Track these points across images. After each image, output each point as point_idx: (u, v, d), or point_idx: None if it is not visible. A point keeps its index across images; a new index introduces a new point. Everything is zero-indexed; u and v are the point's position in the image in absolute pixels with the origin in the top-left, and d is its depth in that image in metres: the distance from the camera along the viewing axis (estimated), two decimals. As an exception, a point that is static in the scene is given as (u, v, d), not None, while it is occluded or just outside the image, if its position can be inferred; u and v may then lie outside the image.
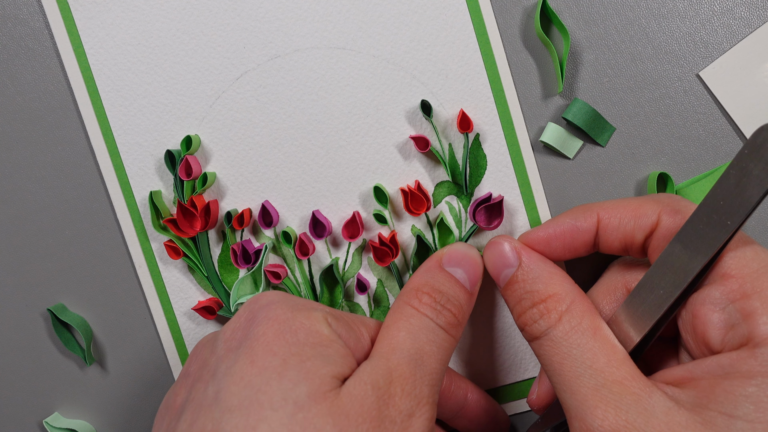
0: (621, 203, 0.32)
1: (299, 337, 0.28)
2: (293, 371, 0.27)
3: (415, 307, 0.31)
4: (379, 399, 0.27)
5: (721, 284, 0.27)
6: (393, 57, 0.38)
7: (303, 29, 0.38)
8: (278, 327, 0.28)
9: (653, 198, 0.32)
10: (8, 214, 0.39)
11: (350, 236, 0.38)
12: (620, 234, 0.32)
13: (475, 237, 0.38)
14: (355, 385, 0.27)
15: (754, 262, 0.27)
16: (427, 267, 0.34)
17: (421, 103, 0.37)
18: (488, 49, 0.38)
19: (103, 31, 0.38)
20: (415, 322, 0.31)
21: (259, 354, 0.27)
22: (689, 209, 0.30)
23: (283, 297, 0.30)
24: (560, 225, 0.33)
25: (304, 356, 0.27)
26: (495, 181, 0.38)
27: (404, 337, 0.30)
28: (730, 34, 0.38)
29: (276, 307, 0.29)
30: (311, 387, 0.26)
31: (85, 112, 0.38)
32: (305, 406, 0.26)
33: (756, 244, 0.28)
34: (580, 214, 0.33)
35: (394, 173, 0.38)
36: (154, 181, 0.39)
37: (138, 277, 0.39)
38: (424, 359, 0.29)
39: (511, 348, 0.39)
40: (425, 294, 0.32)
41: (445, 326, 0.31)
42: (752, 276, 0.27)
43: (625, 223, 0.31)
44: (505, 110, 0.38)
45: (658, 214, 0.31)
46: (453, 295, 0.32)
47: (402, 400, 0.28)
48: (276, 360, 0.27)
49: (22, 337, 0.40)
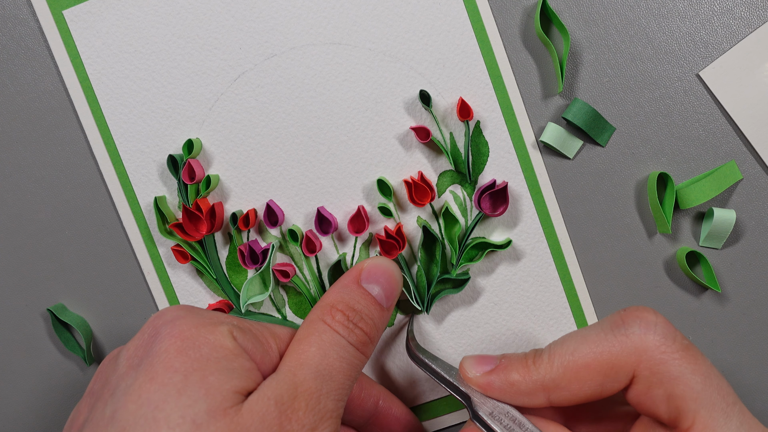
0: (584, 371, 0.30)
1: (202, 352, 0.28)
2: (193, 388, 0.26)
3: (327, 323, 0.31)
4: (281, 414, 0.27)
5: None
6: (389, 49, 0.38)
7: (298, 27, 0.38)
8: (181, 343, 0.28)
9: (618, 351, 0.29)
10: (8, 214, 0.39)
11: (356, 231, 0.38)
12: (585, 396, 0.30)
13: (481, 224, 0.39)
14: (257, 401, 0.27)
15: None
16: (344, 283, 0.34)
17: (420, 94, 0.37)
18: (484, 36, 0.38)
19: (99, 40, 0.38)
20: (326, 338, 0.30)
21: (160, 371, 0.27)
22: (666, 361, 0.29)
23: (187, 312, 0.30)
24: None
25: (206, 371, 0.27)
26: (498, 167, 0.38)
27: (314, 352, 0.30)
28: (730, 34, 0.38)
29: (180, 322, 0.29)
30: (211, 403, 0.26)
31: (85, 121, 0.38)
32: (203, 424, 0.26)
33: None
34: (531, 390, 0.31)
35: (397, 165, 0.38)
36: (158, 186, 0.39)
37: (144, 276, 0.39)
38: (332, 374, 0.29)
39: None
40: (339, 311, 0.32)
41: (356, 344, 0.31)
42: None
43: (592, 388, 0.30)
44: (504, 96, 0.38)
45: (631, 377, 0.29)
46: (367, 313, 0.32)
47: (306, 414, 0.28)
48: (177, 376, 0.27)
49: (22, 337, 0.40)
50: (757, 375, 0.39)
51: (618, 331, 0.29)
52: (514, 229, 0.39)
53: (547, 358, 0.30)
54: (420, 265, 0.38)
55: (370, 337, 0.32)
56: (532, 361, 0.31)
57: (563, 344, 0.30)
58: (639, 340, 0.29)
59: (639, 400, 0.29)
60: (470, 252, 0.38)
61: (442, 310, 0.39)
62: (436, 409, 0.40)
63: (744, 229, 0.39)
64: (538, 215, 0.39)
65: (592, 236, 0.39)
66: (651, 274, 0.39)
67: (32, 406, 0.41)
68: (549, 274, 0.39)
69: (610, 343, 0.29)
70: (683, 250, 0.38)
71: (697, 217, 0.39)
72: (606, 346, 0.29)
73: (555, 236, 0.39)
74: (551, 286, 0.39)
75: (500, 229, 0.39)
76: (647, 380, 0.29)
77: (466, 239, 0.38)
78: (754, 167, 0.38)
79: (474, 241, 0.38)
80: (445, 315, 0.39)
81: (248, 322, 0.31)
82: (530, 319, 0.39)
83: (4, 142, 0.39)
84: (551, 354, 0.30)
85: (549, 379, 0.30)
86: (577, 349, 0.30)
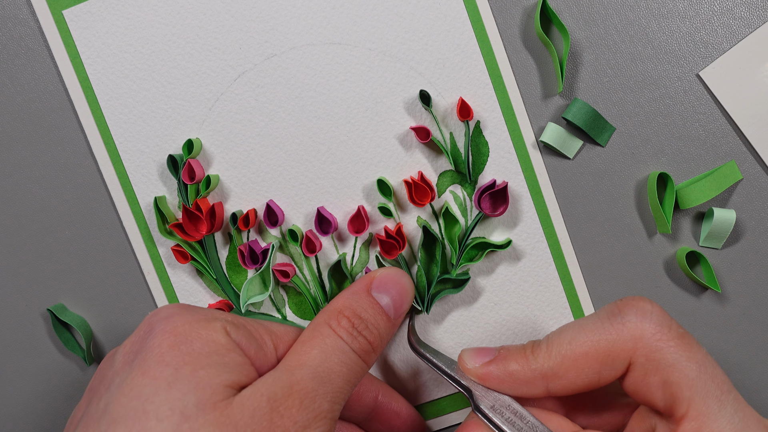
0: (582, 359, 0.30)
1: (194, 347, 0.28)
2: (184, 381, 0.26)
3: (332, 328, 0.31)
4: (272, 410, 0.27)
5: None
6: (389, 49, 0.38)
7: (298, 27, 0.38)
8: (174, 338, 0.28)
9: (615, 339, 0.30)
10: (8, 214, 0.39)
11: (356, 231, 0.38)
12: (583, 385, 0.31)
13: (481, 224, 0.39)
14: (249, 396, 0.27)
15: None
16: (354, 290, 0.34)
17: (420, 94, 0.37)
18: (484, 36, 0.38)
19: (99, 40, 0.38)
20: (329, 342, 0.31)
21: (152, 365, 0.27)
22: (662, 348, 0.29)
23: (182, 309, 0.30)
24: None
25: (197, 365, 0.27)
26: (498, 167, 0.38)
27: (315, 354, 0.30)
28: (730, 34, 0.38)
29: (174, 318, 0.29)
30: (201, 396, 0.26)
31: (85, 121, 0.38)
32: (192, 416, 0.26)
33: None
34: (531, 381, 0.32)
35: (397, 165, 0.38)
36: (157, 186, 0.39)
37: (143, 276, 0.39)
38: (331, 377, 0.29)
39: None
40: (345, 317, 0.32)
41: (358, 351, 0.31)
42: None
43: (590, 377, 0.30)
44: (504, 96, 0.38)
45: (628, 364, 0.30)
46: (373, 322, 0.33)
47: (299, 412, 0.28)
48: (168, 370, 0.27)
49: (22, 337, 0.40)
50: (758, 375, 0.39)
51: (614, 320, 0.30)
52: (514, 229, 0.39)
53: (546, 347, 0.31)
54: (420, 265, 0.38)
55: (374, 346, 0.32)
56: (530, 351, 0.31)
57: (561, 334, 0.31)
58: (635, 328, 0.29)
59: (635, 387, 0.30)
60: (470, 252, 0.38)
61: (442, 310, 0.39)
62: (440, 407, 0.40)
63: (744, 229, 0.39)
64: (538, 215, 0.39)
65: (592, 236, 0.39)
66: (651, 274, 0.39)
67: (32, 406, 0.41)
68: (549, 274, 0.39)
69: (607, 331, 0.30)
70: (683, 250, 0.38)
71: (697, 217, 0.39)
72: (603, 334, 0.30)
73: (555, 236, 0.39)
74: (551, 286, 0.39)
75: (500, 229, 0.39)
76: (643, 367, 0.29)
77: (466, 239, 0.38)
78: (754, 167, 0.38)
79: (474, 241, 0.38)
80: (445, 315, 0.39)
81: (243, 319, 0.31)
82: (530, 320, 0.39)
83: (4, 142, 0.39)
84: (549, 343, 0.31)
85: (547, 367, 0.30)
86: (575, 338, 0.30)
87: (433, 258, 0.38)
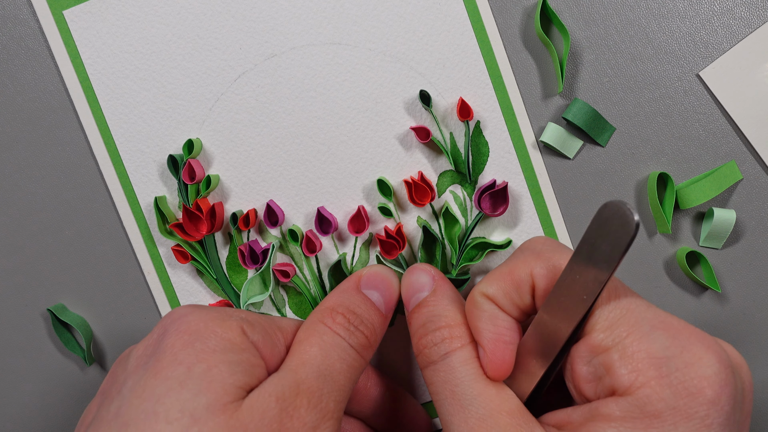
0: (497, 275, 0.31)
1: (209, 344, 0.28)
2: (196, 379, 0.26)
3: (328, 325, 0.31)
4: (282, 411, 0.27)
5: (587, 339, 0.28)
6: (389, 49, 0.38)
7: (298, 27, 0.38)
8: (188, 337, 0.28)
9: (523, 257, 0.31)
10: (8, 214, 0.39)
11: (356, 231, 0.38)
12: (513, 305, 0.31)
13: (481, 224, 0.39)
14: (258, 397, 0.27)
15: (615, 312, 0.28)
16: (344, 288, 0.34)
17: (420, 94, 0.37)
18: (484, 36, 0.38)
19: (99, 40, 0.38)
20: (327, 340, 0.31)
21: (165, 365, 0.27)
22: (560, 263, 0.30)
23: (196, 308, 0.30)
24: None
25: (210, 363, 0.27)
26: (498, 167, 0.38)
27: (316, 352, 0.30)
28: (730, 34, 0.38)
29: (189, 318, 0.29)
30: (211, 398, 0.26)
31: (85, 121, 0.38)
32: (201, 418, 0.26)
33: (625, 294, 0.29)
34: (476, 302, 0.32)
35: (397, 165, 0.38)
36: (158, 186, 0.39)
37: (144, 276, 0.39)
38: (333, 375, 0.30)
39: None
40: (339, 314, 0.32)
41: (356, 347, 0.31)
42: (612, 328, 0.28)
43: (510, 293, 0.31)
44: (504, 96, 0.38)
45: (530, 276, 0.30)
46: (367, 317, 0.33)
47: (308, 412, 0.28)
48: (180, 368, 0.27)
49: (22, 337, 0.40)
50: (758, 375, 0.39)
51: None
52: (514, 229, 0.39)
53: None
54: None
55: (370, 341, 0.32)
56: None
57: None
58: (530, 248, 0.32)
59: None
60: (470, 252, 0.38)
61: (442, 310, 0.39)
62: None
63: (744, 229, 0.39)
64: (538, 215, 0.39)
65: (592, 236, 0.39)
66: (651, 274, 0.39)
67: (32, 406, 0.41)
68: (549, 274, 0.39)
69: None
70: (683, 250, 0.38)
71: (697, 217, 0.39)
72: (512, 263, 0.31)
73: (555, 236, 0.39)
74: (551, 286, 0.39)
75: (500, 229, 0.39)
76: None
77: (466, 239, 0.38)
78: (754, 167, 0.38)
79: (474, 241, 0.38)
80: (445, 315, 0.39)
81: (256, 316, 0.31)
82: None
83: (4, 142, 0.39)
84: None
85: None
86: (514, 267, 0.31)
87: (433, 258, 0.38)
